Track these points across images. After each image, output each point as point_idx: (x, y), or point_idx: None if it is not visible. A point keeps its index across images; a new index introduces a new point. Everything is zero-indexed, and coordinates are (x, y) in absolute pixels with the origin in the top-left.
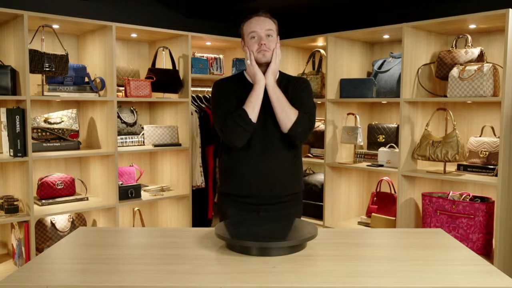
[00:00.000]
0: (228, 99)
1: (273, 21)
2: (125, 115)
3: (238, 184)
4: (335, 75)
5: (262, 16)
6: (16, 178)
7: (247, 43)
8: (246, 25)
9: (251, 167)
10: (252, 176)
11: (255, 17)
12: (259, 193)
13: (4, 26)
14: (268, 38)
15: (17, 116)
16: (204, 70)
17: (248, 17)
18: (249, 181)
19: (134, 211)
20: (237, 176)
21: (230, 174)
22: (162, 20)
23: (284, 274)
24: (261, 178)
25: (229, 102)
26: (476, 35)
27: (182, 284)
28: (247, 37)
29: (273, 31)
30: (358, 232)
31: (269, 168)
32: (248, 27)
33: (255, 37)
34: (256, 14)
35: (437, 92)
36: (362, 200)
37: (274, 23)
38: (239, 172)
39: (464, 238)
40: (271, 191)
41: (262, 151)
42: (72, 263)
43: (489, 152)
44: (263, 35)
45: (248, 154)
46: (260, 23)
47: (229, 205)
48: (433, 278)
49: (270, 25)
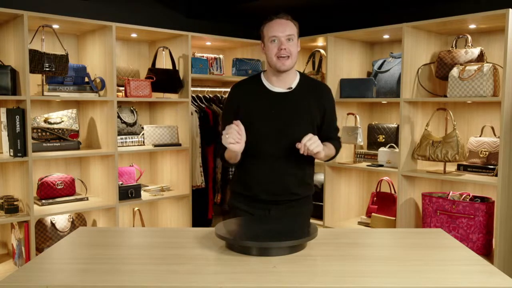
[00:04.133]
0: (229, 115)
1: (294, 24)
2: (125, 115)
3: (248, 187)
4: (335, 75)
5: (283, 19)
6: (16, 178)
7: (266, 46)
8: (266, 28)
9: (261, 172)
10: (262, 180)
11: (276, 20)
12: (268, 197)
13: (4, 26)
14: (289, 42)
15: (17, 116)
16: (204, 70)
17: (269, 18)
18: (258, 186)
19: (134, 211)
20: (247, 179)
21: (242, 176)
22: (162, 20)
23: (284, 274)
24: (271, 183)
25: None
26: (476, 35)
27: (182, 284)
28: (267, 41)
29: (294, 36)
30: (358, 232)
31: (279, 174)
32: (268, 30)
33: (276, 41)
34: (277, 16)
35: (437, 92)
36: (362, 200)
37: (296, 26)
38: (250, 175)
39: (464, 238)
40: (280, 196)
41: (273, 157)
42: (72, 263)
43: (489, 152)
44: (284, 40)
45: (260, 160)
46: (281, 27)
47: (240, 201)
48: (433, 278)
49: (291, 29)
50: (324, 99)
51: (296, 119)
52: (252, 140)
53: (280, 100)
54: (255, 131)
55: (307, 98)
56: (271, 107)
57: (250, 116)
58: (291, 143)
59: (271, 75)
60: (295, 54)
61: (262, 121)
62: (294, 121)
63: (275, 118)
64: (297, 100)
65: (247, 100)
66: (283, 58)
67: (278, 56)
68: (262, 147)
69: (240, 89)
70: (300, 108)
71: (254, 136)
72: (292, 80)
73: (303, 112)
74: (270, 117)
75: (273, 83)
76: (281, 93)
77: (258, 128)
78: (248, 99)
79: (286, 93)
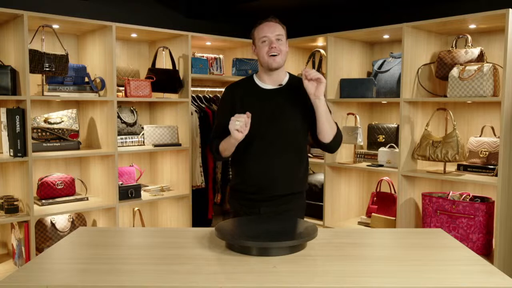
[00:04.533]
0: (225, 113)
1: (282, 26)
2: (125, 115)
3: (243, 181)
4: (335, 75)
5: (272, 22)
6: (16, 178)
7: (258, 47)
8: (256, 30)
9: (254, 167)
10: (254, 175)
11: (265, 22)
12: (260, 191)
13: (4, 26)
14: (278, 41)
15: (17, 116)
16: (204, 70)
17: (259, 22)
18: (251, 180)
19: (134, 211)
20: (242, 174)
21: (237, 171)
22: (162, 20)
23: (284, 274)
24: (262, 178)
25: (224, 116)
26: (476, 35)
27: (182, 284)
28: (258, 42)
29: (283, 36)
30: (358, 232)
31: (269, 169)
32: (259, 32)
33: (266, 41)
34: (266, 19)
35: (437, 92)
36: (362, 200)
37: (283, 28)
38: (244, 170)
39: (464, 238)
40: (271, 190)
41: (265, 152)
42: (72, 263)
43: (489, 152)
44: (274, 39)
45: (252, 155)
46: (271, 28)
47: (235, 198)
48: (433, 278)
49: (280, 30)
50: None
51: (287, 113)
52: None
53: (272, 96)
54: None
55: (297, 93)
56: (263, 102)
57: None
58: (282, 136)
59: (262, 74)
60: (284, 52)
61: (255, 116)
62: (285, 114)
63: (267, 112)
64: (288, 95)
65: (241, 97)
66: (273, 55)
67: (269, 54)
68: (255, 141)
69: (234, 88)
70: (291, 102)
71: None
72: (282, 78)
73: (293, 106)
74: (262, 111)
75: (265, 81)
76: (272, 89)
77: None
78: (242, 97)
79: (277, 89)
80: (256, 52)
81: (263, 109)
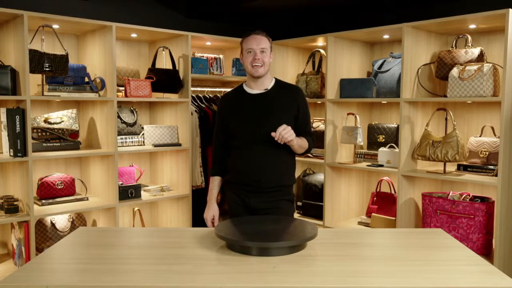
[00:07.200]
0: (221, 122)
1: (267, 39)
2: (125, 115)
3: (234, 174)
4: (335, 75)
5: (258, 35)
6: (16, 178)
7: (244, 56)
8: (244, 41)
9: (243, 162)
10: (243, 169)
11: (252, 35)
12: (248, 183)
13: (4, 26)
14: (262, 53)
15: (17, 116)
16: (204, 70)
17: (246, 34)
18: (241, 173)
19: (134, 211)
20: (233, 168)
21: (230, 165)
22: (162, 20)
23: (284, 274)
24: (250, 171)
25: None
26: (476, 35)
27: (182, 284)
28: (245, 52)
29: (267, 49)
30: (358, 232)
31: (256, 163)
32: (246, 43)
33: (251, 52)
34: (253, 32)
35: (437, 92)
36: (362, 200)
37: (269, 40)
38: (234, 164)
39: (464, 238)
40: (257, 183)
41: (253, 149)
42: (72, 263)
43: (489, 152)
44: (258, 51)
45: (242, 151)
46: (256, 41)
47: (228, 190)
48: (433, 278)
49: (265, 43)
50: (297, 98)
51: (272, 114)
52: (237, 134)
53: (258, 99)
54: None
55: (282, 97)
56: (249, 104)
57: (234, 115)
58: (269, 135)
59: (250, 81)
60: (267, 63)
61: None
62: (270, 116)
63: (253, 113)
64: (273, 98)
65: (231, 104)
66: (256, 66)
67: (252, 64)
68: (244, 139)
69: (226, 98)
70: (275, 105)
71: (238, 131)
72: (268, 83)
73: (278, 108)
74: (249, 112)
75: (252, 87)
76: (258, 93)
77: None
78: (232, 103)
79: (263, 93)
80: (243, 60)
81: (249, 110)
